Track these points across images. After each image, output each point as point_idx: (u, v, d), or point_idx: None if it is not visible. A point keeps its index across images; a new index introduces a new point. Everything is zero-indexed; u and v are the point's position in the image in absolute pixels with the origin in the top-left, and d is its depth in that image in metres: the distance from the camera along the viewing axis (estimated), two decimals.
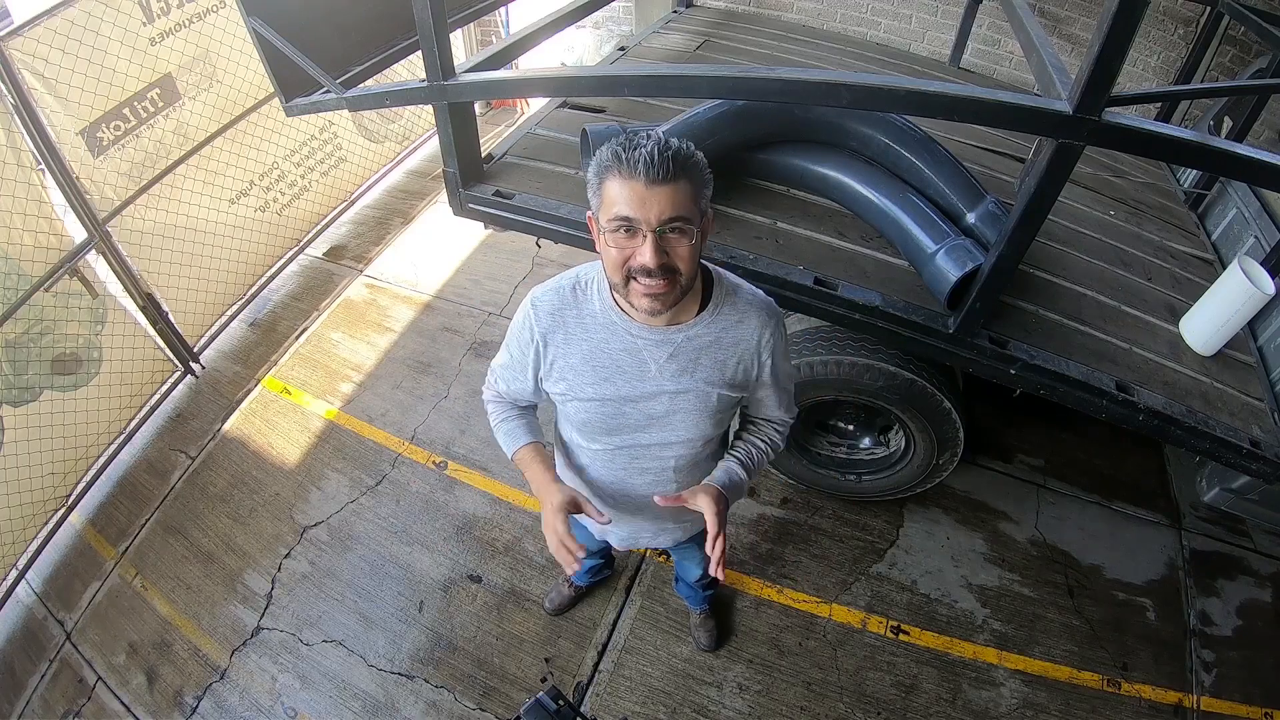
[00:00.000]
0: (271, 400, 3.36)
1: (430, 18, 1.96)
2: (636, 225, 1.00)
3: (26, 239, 2.63)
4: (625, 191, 0.99)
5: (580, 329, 1.22)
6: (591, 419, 1.30)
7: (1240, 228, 2.54)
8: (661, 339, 1.19)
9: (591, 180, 1.05)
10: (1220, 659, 2.44)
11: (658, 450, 1.34)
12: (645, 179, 0.97)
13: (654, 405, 1.26)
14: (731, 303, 1.22)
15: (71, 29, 2.67)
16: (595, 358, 1.22)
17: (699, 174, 1.03)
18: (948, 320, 1.97)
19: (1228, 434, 1.89)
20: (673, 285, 1.06)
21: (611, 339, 1.20)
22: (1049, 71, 1.59)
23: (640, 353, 1.20)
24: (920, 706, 2.31)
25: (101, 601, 2.69)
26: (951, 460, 2.44)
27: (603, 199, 1.03)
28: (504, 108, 5.41)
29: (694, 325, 1.19)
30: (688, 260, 1.05)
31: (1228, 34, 3.36)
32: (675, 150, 0.99)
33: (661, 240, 1.01)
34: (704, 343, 1.21)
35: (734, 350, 1.23)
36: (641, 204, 0.99)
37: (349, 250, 4.21)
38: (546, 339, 1.23)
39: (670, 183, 0.98)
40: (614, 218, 1.01)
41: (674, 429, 1.29)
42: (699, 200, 1.03)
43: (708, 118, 2.17)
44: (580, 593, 2.51)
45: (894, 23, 4.28)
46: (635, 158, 0.97)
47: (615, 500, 1.48)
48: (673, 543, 1.68)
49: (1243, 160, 1.45)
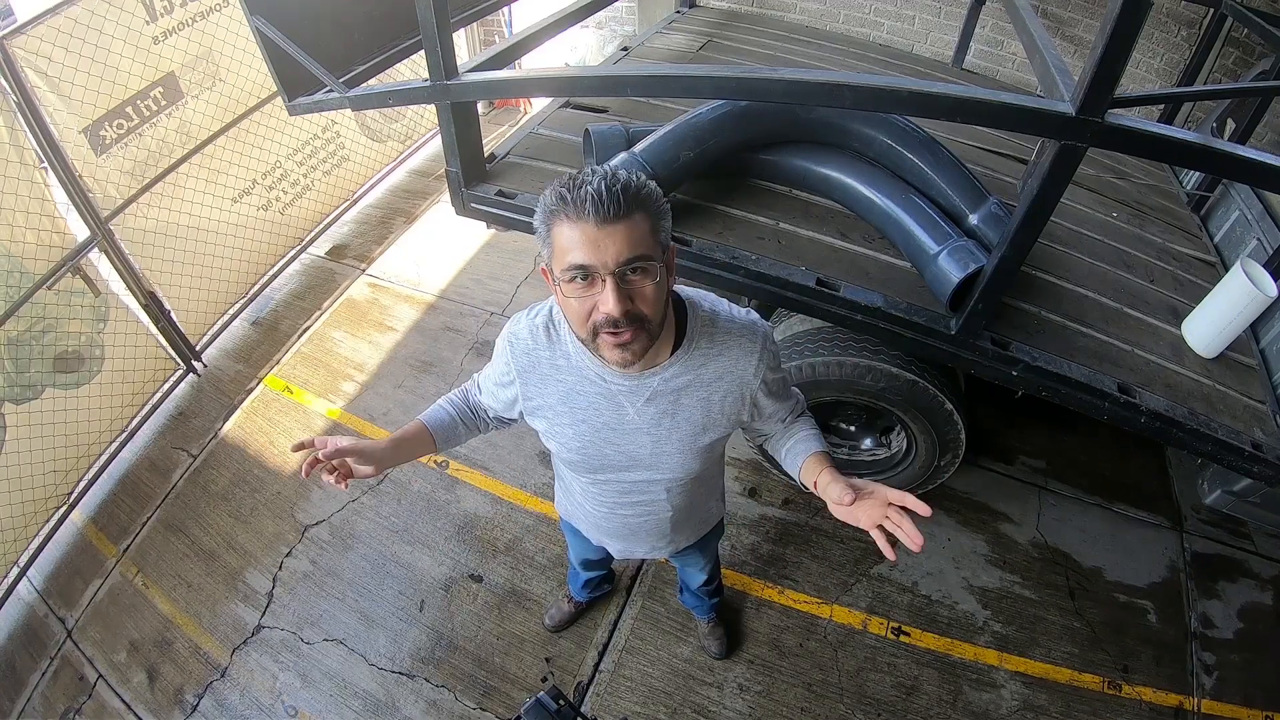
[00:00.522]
0: (273, 399, 3.36)
1: (433, 17, 1.96)
2: (594, 271, 0.91)
3: (29, 237, 2.64)
4: (576, 235, 0.90)
5: (554, 371, 1.16)
6: (575, 459, 1.25)
7: (1243, 230, 2.54)
8: (637, 385, 1.12)
9: (539, 228, 0.96)
10: (1221, 662, 2.43)
11: (645, 485, 1.30)
12: (596, 219, 0.89)
13: (636, 449, 1.21)
14: (709, 335, 1.13)
15: (75, 27, 2.67)
16: (571, 400, 1.16)
17: (654, 205, 0.94)
18: (950, 322, 1.97)
19: (1229, 436, 1.89)
20: (641, 332, 0.97)
21: (586, 385, 1.14)
22: (1052, 73, 1.59)
23: (616, 398, 1.14)
24: (921, 708, 2.30)
25: (103, 599, 2.69)
26: (953, 462, 2.44)
27: (553, 248, 0.94)
28: (507, 107, 5.41)
29: (670, 366, 1.11)
30: (653, 303, 0.96)
31: (1231, 36, 3.36)
32: (625, 183, 0.90)
33: (623, 283, 0.93)
34: (682, 383, 1.13)
35: (717, 386, 1.15)
36: (595, 247, 0.90)
37: (351, 249, 4.22)
38: (523, 376, 1.19)
39: (624, 220, 0.90)
40: (568, 267, 0.92)
41: (659, 469, 1.24)
42: (658, 234, 0.95)
43: (710, 118, 2.17)
44: (580, 609, 2.49)
45: (897, 24, 4.28)
46: (581, 196, 0.89)
47: (610, 526, 1.47)
48: (673, 550, 1.64)
49: (1246, 162, 1.44)
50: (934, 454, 2.41)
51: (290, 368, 3.50)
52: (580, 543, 1.81)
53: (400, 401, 3.27)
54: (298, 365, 3.51)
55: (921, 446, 2.42)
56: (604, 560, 2.10)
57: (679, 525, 1.48)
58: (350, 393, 3.33)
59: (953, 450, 2.38)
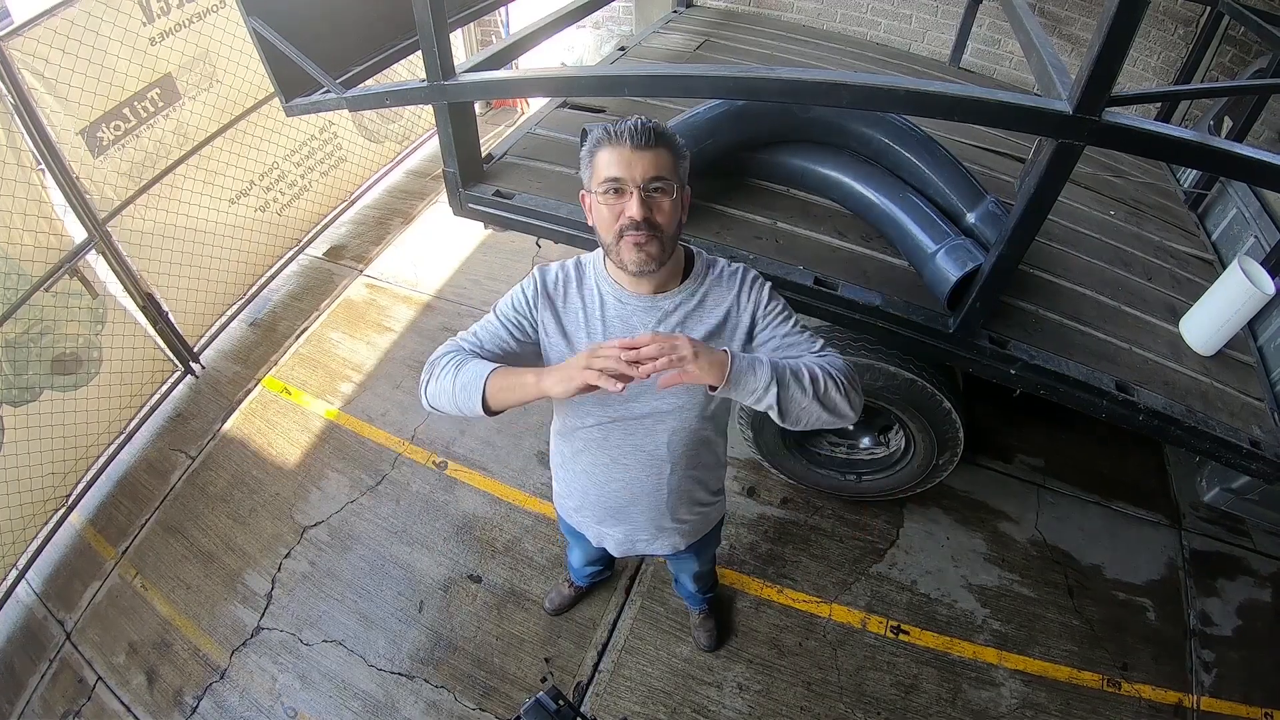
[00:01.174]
0: (271, 400, 3.36)
1: (430, 18, 1.96)
2: (624, 185, 1.14)
3: (26, 239, 2.63)
4: (614, 156, 1.14)
5: (578, 297, 1.32)
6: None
7: (1240, 228, 2.54)
8: (650, 304, 1.28)
9: (584, 158, 1.21)
10: (1220, 659, 2.44)
11: (650, 423, 1.35)
12: (630, 144, 1.13)
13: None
14: (711, 273, 1.32)
15: (71, 29, 2.67)
16: (589, 324, 1.31)
17: (676, 147, 1.18)
18: (948, 320, 1.97)
19: (1228, 434, 1.89)
20: (655, 239, 1.16)
21: (604, 306, 1.30)
22: (1049, 71, 1.59)
23: (630, 318, 1.28)
24: (920, 706, 2.31)
25: (101, 601, 2.69)
26: (951, 460, 2.44)
27: (594, 169, 1.18)
28: (504, 108, 5.41)
29: (679, 292, 1.29)
30: (668, 216, 1.17)
31: (1228, 34, 3.36)
32: (655, 124, 1.16)
33: (647, 197, 1.14)
34: (689, 308, 1.29)
35: (718, 310, 1.30)
36: (628, 165, 1.13)
37: (349, 250, 4.21)
38: (549, 304, 1.32)
39: (652, 149, 1.14)
40: (604, 180, 1.16)
41: (665, 396, 1.31)
42: (677, 169, 1.18)
43: (708, 118, 2.17)
44: (580, 593, 2.51)
45: (894, 23, 4.28)
46: (621, 129, 1.14)
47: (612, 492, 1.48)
48: (670, 550, 1.65)
49: (1243, 160, 1.45)
50: (932, 452, 2.41)
51: (288, 369, 3.50)
52: (581, 545, 1.81)
53: (398, 402, 3.26)
54: (296, 366, 3.50)
55: (920, 445, 2.42)
56: (602, 558, 2.13)
57: (677, 496, 1.48)
58: (348, 393, 3.33)
59: (951, 449, 2.38)
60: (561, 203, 2.31)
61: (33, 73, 2.59)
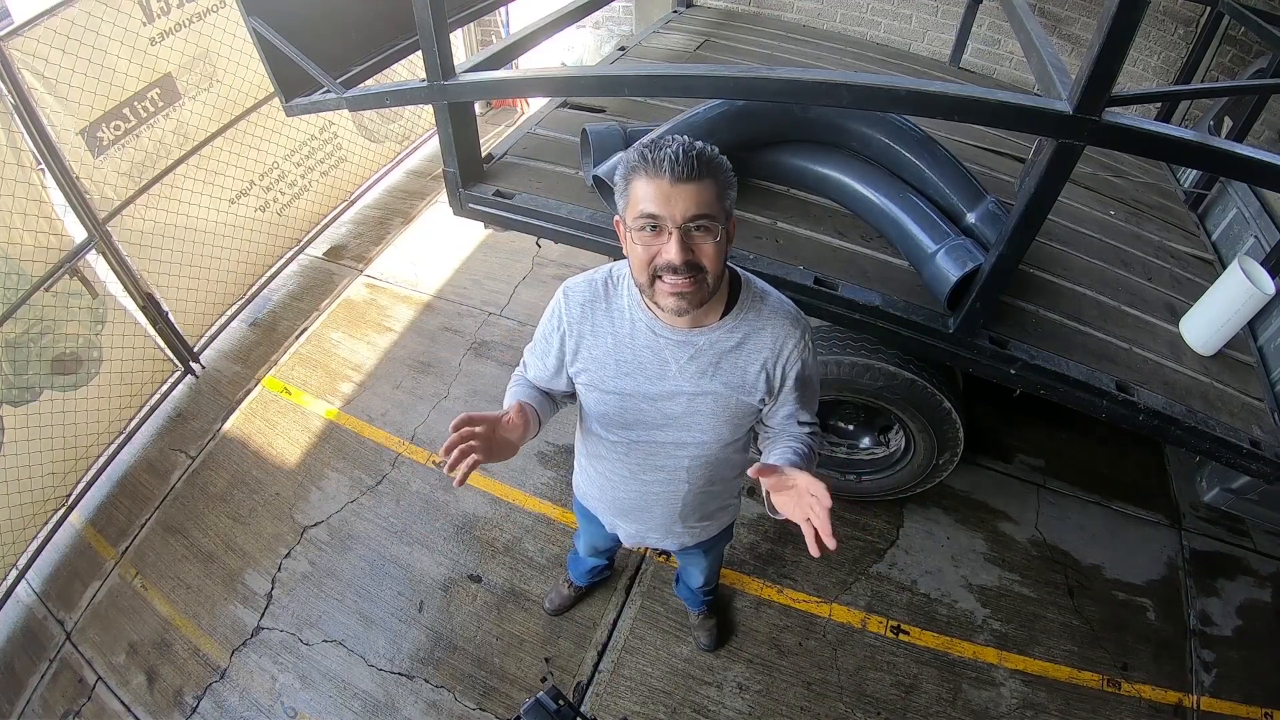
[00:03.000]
0: (271, 400, 3.36)
1: (430, 18, 1.96)
2: (662, 223, 1.02)
3: (26, 239, 2.63)
4: (651, 190, 1.01)
5: (608, 322, 1.23)
6: (610, 411, 1.31)
7: (1240, 228, 2.54)
8: (684, 340, 1.19)
9: (619, 183, 1.07)
10: (1220, 659, 2.44)
11: (672, 449, 1.33)
12: (671, 177, 0.99)
13: (672, 405, 1.26)
14: (757, 309, 1.20)
15: (71, 29, 2.66)
16: (619, 351, 1.23)
17: (723, 175, 1.05)
18: (948, 320, 1.97)
19: (1228, 434, 1.89)
20: (698, 283, 1.06)
21: (636, 335, 1.21)
22: (1049, 71, 1.59)
23: (662, 351, 1.20)
24: (920, 706, 2.31)
25: (101, 601, 2.69)
26: (951, 460, 2.44)
27: (629, 199, 1.05)
28: (504, 107, 5.41)
29: (717, 329, 1.19)
30: (713, 259, 1.05)
31: (1228, 34, 3.36)
32: (700, 150, 1.01)
33: (687, 238, 1.02)
34: (726, 347, 1.20)
35: (757, 357, 1.21)
36: (667, 201, 1.00)
37: (349, 250, 4.21)
38: (575, 328, 1.25)
39: (695, 181, 1.00)
40: (640, 215, 1.03)
41: (690, 430, 1.29)
42: (723, 200, 1.05)
43: (707, 118, 2.17)
44: (580, 593, 2.51)
45: (894, 23, 4.28)
46: (661, 157, 1.00)
47: (628, 497, 1.48)
48: (678, 547, 1.67)
49: (1243, 160, 1.45)
50: (932, 452, 2.41)
51: (288, 369, 3.50)
52: (593, 528, 1.82)
53: (398, 402, 3.26)
54: (296, 366, 3.50)
55: (920, 445, 2.42)
56: (611, 549, 2.13)
57: (690, 508, 1.49)
58: (348, 393, 3.33)
59: (951, 449, 2.38)
60: (561, 203, 2.31)
61: (33, 73, 2.59)
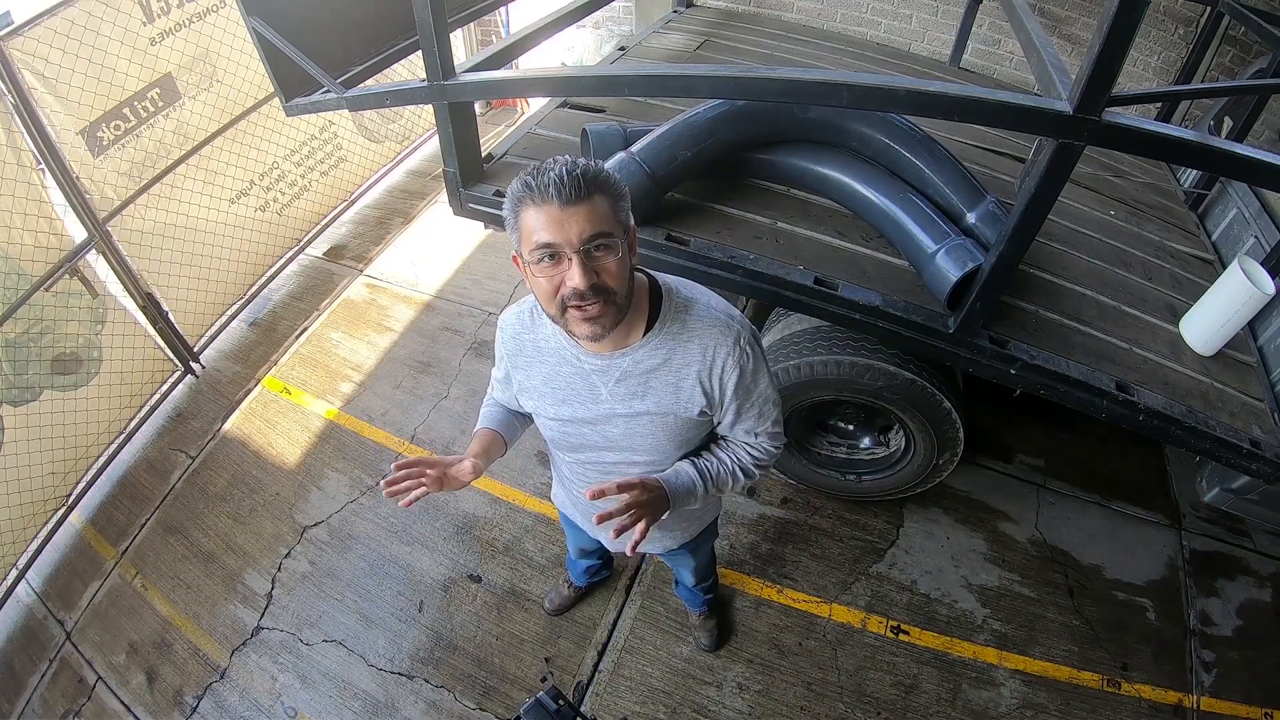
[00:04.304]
0: (271, 400, 3.36)
1: (430, 18, 1.96)
2: (560, 249, 0.97)
3: (26, 238, 2.63)
4: (542, 217, 0.97)
5: (536, 353, 1.23)
6: (556, 437, 1.33)
7: (1240, 228, 2.54)
8: (608, 365, 1.16)
9: (508, 217, 1.03)
10: (1220, 659, 2.44)
11: (625, 467, 1.31)
12: (559, 201, 0.95)
13: (610, 429, 1.25)
14: (682, 320, 1.15)
15: (71, 28, 2.67)
16: (551, 380, 1.23)
17: (612, 188, 1.00)
18: (948, 320, 1.97)
19: (1228, 434, 1.89)
20: (608, 306, 1.02)
21: (562, 364, 1.20)
22: (1049, 71, 1.59)
23: (589, 377, 1.19)
24: (920, 706, 2.31)
25: (101, 601, 2.69)
26: (951, 460, 2.44)
27: (521, 231, 1.01)
28: (504, 107, 5.41)
29: (640, 348, 1.15)
30: (618, 277, 1.01)
31: (1228, 34, 3.36)
32: (584, 169, 0.97)
33: (588, 260, 0.98)
34: (652, 365, 1.16)
35: (687, 371, 1.16)
36: (559, 226, 0.96)
37: (349, 250, 4.21)
38: (512, 360, 1.27)
39: (585, 201, 0.96)
40: (535, 247, 0.98)
41: (635, 451, 1.27)
42: (618, 213, 1.01)
43: (708, 118, 2.17)
44: (580, 593, 2.51)
45: (894, 23, 4.28)
46: (545, 182, 0.95)
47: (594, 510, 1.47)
48: (662, 550, 1.68)
49: (1243, 160, 1.45)
50: (932, 452, 2.41)
51: (288, 368, 3.50)
52: (576, 532, 1.86)
53: (399, 402, 3.27)
54: (296, 366, 3.50)
55: (920, 445, 2.42)
56: (598, 550, 2.13)
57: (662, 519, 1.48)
58: (348, 393, 3.33)
59: (951, 449, 2.38)
60: None
61: (33, 72, 2.59)
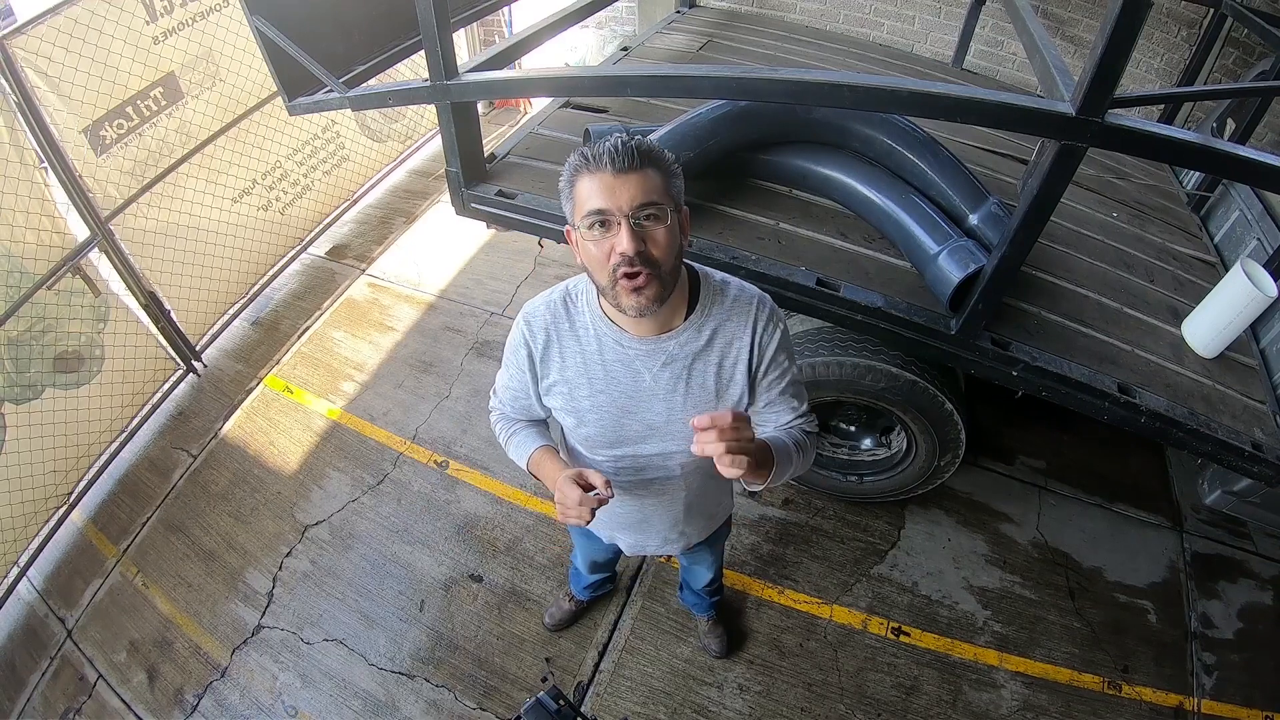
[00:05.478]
0: (273, 399, 3.36)
1: (433, 17, 1.96)
2: (610, 216, 1.00)
3: (29, 237, 2.64)
4: (595, 185, 1.00)
5: (574, 341, 1.21)
6: (591, 433, 1.28)
7: (1243, 230, 2.54)
8: (653, 348, 1.16)
9: (563, 189, 1.06)
10: (1221, 662, 2.43)
11: (660, 460, 1.31)
12: (612, 169, 0.98)
13: (651, 415, 1.23)
14: (720, 302, 1.19)
15: (75, 27, 2.67)
16: (589, 370, 1.20)
17: (665, 164, 1.03)
18: (950, 322, 1.97)
19: (1229, 437, 1.89)
20: (654, 278, 1.03)
21: (604, 350, 1.19)
22: (1052, 73, 1.59)
23: (633, 363, 1.18)
24: (921, 708, 2.30)
25: (103, 599, 2.69)
26: (953, 462, 2.44)
27: (575, 201, 1.04)
28: (507, 107, 5.41)
29: (684, 330, 1.17)
30: (665, 248, 1.03)
31: (1231, 36, 3.36)
32: (639, 141, 1.00)
33: (637, 227, 1.00)
34: (696, 348, 1.18)
35: (729, 352, 1.19)
36: (611, 193, 0.99)
37: (351, 249, 4.22)
38: (543, 354, 1.23)
39: (637, 170, 0.99)
40: (587, 213, 1.01)
41: (675, 439, 1.26)
42: (670, 189, 1.03)
43: (710, 118, 2.17)
44: (581, 607, 2.48)
45: (897, 24, 4.28)
46: (599, 151, 0.99)
47: (625, 513, 1.46)
48: (682, 550, 1.64)
49: (1246, 162, 1.44)
50: (934, 454, 2.41)
51: (290, 368, 3.50)
52: (589, 544, 1.80)
53: (400, 401, 3.27)
54: (298, 365, 3.51)
55: (921, 446, 2.42)
56: (611, 561, 2.10)
57: (691, 512, 1.47)
58: (350, 393, 3.33)
59: (953, 450, 2.38)
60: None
61: (36, 71, 2.59)
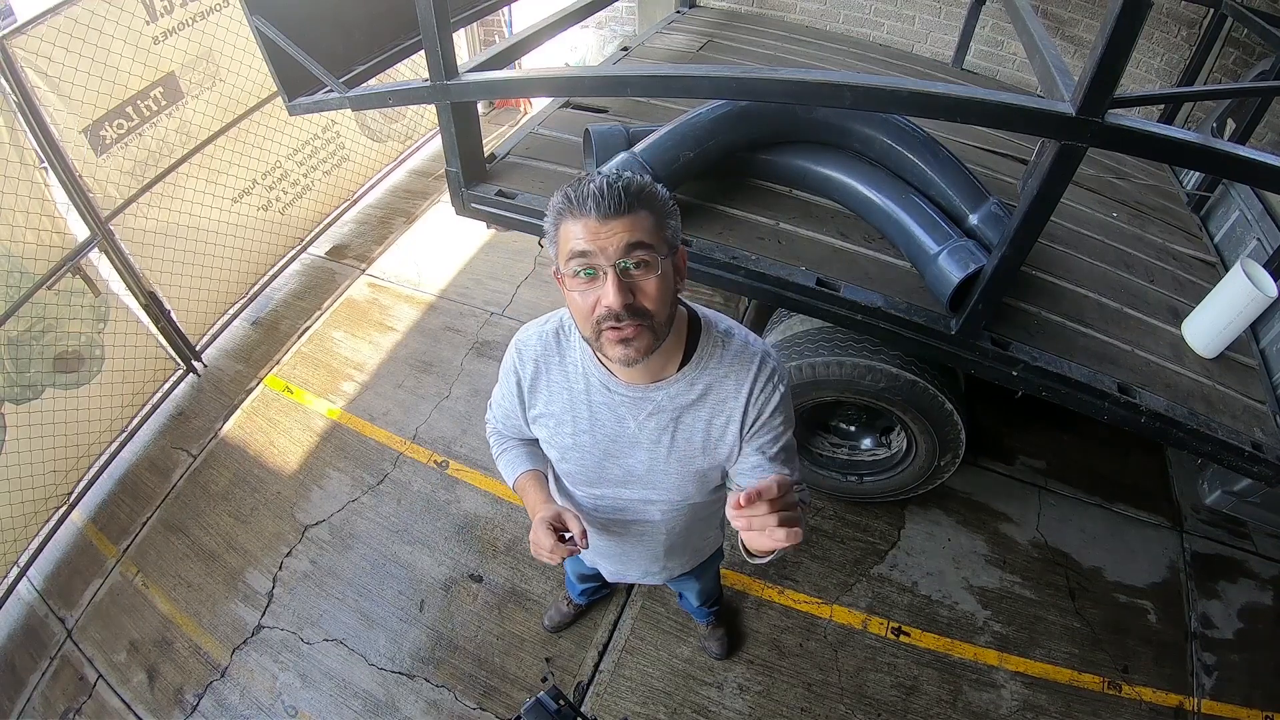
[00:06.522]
0: (273, 399, 3.36)
1: (433, 17, 1.96)
2: (595, 262, 0.91)
3: (29, 237, 2.64)
4: (579, 229, 0.91)
5: (563, 377, 1.15)
6: (572, 470, 1.24)
7: (1243, 230, 2.54)
8: (640, 397, 1.09)
9: (548, 231, 0.98)
10: (1221, 662, 2.43)
11: (641, 505, 1.26)
12: (597, 214, 0.90)
13: (633, 462, 1.18)
14: (719, 356, 1.09)
15: (75, 27, 2.67)
16: (575, 409, 1.15)
17: (657, 204, 0.94)
18: (950, 322, 1.97)
19: (1229, 437, 1.89)
20: (644, 329, 0.94)
21: (590, 392, 1.13)
22: (1052, 73, 1.59)
23: (618, 408, 1.12)
24: (921, 708, 2.30)
25: (103, 599, 2.69)
26: (953, 462, 2.44)
27: (559, 245, 0.95)
28: (507, 107, 5.41)
29: (676, 382, 1.08)
30: (656, 299, 0.94)
31: (1231, 36, 3.36)
32: (627, 181, 0.91)
33: (625, 278, 0.92)
34: (686, 401, 1.10)
35: (721, 409, 1.10)
36: (595, 238, 0.90)
37: (351, 249, 4.22)
38: (531, 384, 1.18)
39: (626, 215, 0.90)
40: (570, 257, 0.92)
41: (655, 488, 1.21)
42: (663, 231, 0.94)
43: (710, 118, 2.17)
44: (580, 610, 2.48)
45: (897, 24, 4.28)
46: (584, 193, 0.90)
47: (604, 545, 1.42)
48: (664, 581, 1.61)
49: (1246, 162, 1.44)
50: (934, 454, 2.41)
51: (290, 368, 3.50)
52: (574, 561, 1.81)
53: (400, 401, 3.27)
54: (298, 365, 3.51)
55: (921, 446, 2.42)
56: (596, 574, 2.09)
57: (673, 552, 1.44)
58: (350, 393, 3.33)
59: (953, 450, 2.38)
60: None
61: (36, 71, 2.59)
